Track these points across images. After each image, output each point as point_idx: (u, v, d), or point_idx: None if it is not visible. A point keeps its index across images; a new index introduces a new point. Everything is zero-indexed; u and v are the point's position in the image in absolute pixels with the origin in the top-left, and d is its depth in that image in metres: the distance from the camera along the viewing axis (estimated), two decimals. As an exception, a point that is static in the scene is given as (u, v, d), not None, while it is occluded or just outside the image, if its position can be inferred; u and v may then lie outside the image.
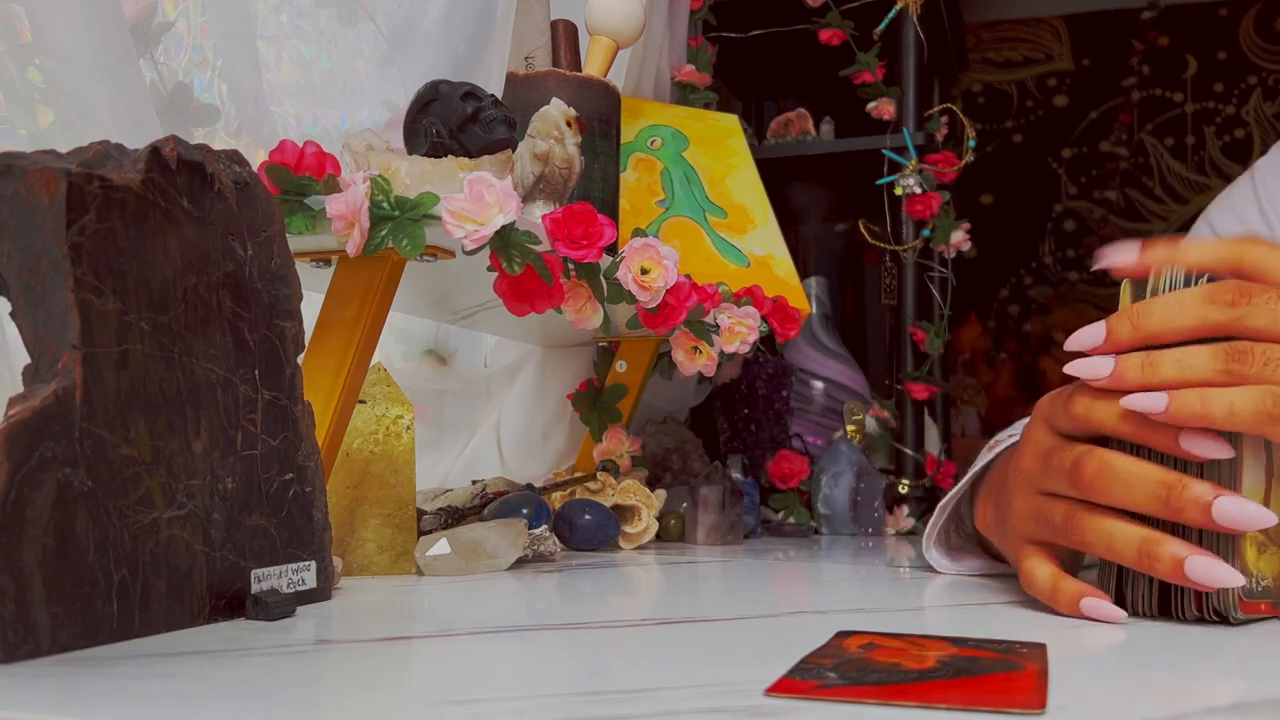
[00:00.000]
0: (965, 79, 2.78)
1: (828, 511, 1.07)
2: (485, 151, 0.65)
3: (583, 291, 0.71)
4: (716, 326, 0.88)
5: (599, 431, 0.98)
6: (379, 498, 0.64)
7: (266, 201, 0.50)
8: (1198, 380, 0.45)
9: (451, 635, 0.45)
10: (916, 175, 1.24)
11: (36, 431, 0.37)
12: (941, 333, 1.27)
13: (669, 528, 0.91)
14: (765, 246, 1.08)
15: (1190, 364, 0.45)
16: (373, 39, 1.01)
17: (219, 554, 0.45)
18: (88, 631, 0.38)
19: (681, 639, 0.44)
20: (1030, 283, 2.82)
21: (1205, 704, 0.33)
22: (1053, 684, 0.35)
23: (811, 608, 0.55)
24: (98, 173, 0.40)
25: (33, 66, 0.67)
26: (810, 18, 1.30)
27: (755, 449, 1.17)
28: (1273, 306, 0.45)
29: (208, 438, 0.45)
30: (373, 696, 0.33)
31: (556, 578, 0.65)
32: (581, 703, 0.32)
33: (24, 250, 0.39)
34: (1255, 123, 2.67)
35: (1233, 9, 2.69)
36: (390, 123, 0.99)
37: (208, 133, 0.81)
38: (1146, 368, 0.46)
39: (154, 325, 0.42)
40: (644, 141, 1.11)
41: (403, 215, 0.59)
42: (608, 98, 0.87)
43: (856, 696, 0.32)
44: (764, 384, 1.18)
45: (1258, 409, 0.44)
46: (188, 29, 0.83)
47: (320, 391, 0.60)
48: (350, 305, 0.62)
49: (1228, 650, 0.42)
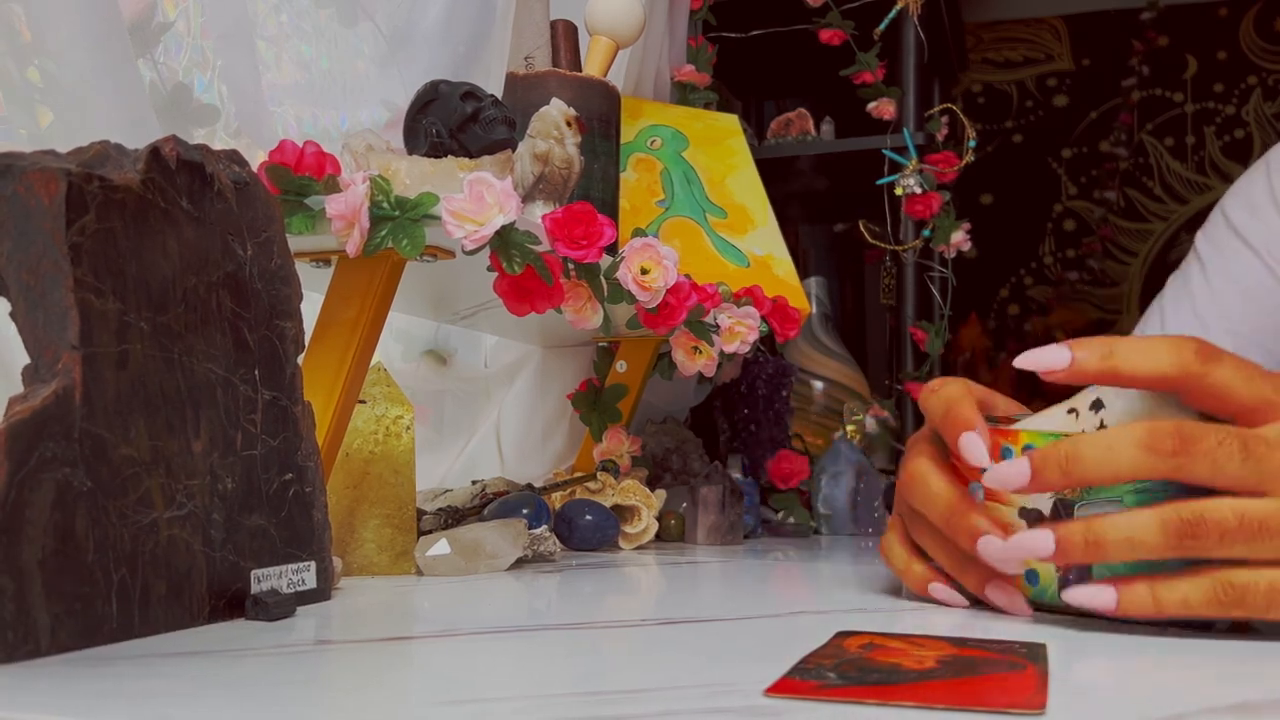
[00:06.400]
0: (965, 79, 2.78)
1: (828, 511, 1.07)
2: (485, 151, 0.65)
3: (583, 291, 0.71)
4: (716, 326, 0.88)
5: (599, 431, 0.98)
6: (379, 498, 0.64)
7: (266, 201, 0.50)
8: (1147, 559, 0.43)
9: (451, 635, 0.45)
10: (916, 175, 1.24)
11: (36, 432, 0.37)
12: (941, 333, 1.27)
13: (669, 528, 0.91)
14: (765, 246, 1.08)
15: (1141, 542, 0.42)
16: (373, 39, 1.01)
17: (219, 554, 0.45)
18: (87, 631, 0.38)
19: (681, 639, 0.44)
20: (1030, 283, 2.82)
21: (1205, 704, 0.33)
22: (1053, 684, 0.35)
23: (811, 608, 0.55)
24: (97, 173, 0.40)
25: (32, 66, 0.67)
26: (810, 18, 1.30)
27: (755, 449, 1.17)
28: (1213, 456, 0.42)
29: (207, 438, 0.45)
30: (373, 696, 0.33)
31: (556, 578, 0.65)
32: (581, 703, 0.32)
33: (24, 250, 0.39)
34: (1255, 123, 2.67)
35: (1233, 9, 2.69)
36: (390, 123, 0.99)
37: (207, 133, 0.81)
38: (1091, 545, 0.43)
39: (154, 325, 0.42)
40: (644, 141, 1.11)
41: (403, 215, 0.58)
42: (608, 98, 0.87)
43: (856, 697, 0.32)
44: (764, 384, 1.18)
45: (1210, 600, 0.42)
46: (187, 29, 0.83)
47: (320, 391, 0.60)
48: (350, 305, 0.62)
49: (1228, 650, 0.42)
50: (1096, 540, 0.43)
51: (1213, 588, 0.42)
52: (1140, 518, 0.42)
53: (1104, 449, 0.43)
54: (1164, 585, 0.42)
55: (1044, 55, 2.83)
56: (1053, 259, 2.81)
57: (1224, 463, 0.42)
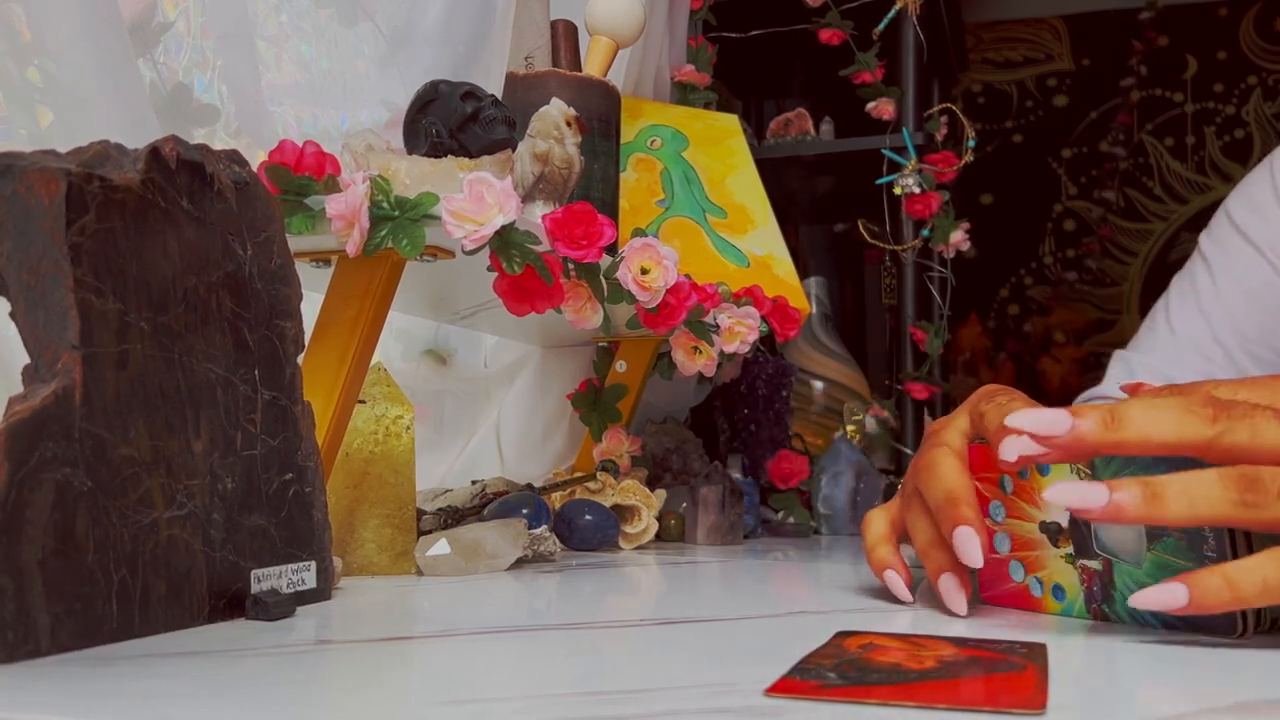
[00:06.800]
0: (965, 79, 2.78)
1: (828, 511, 1.07)
2: (485, 151, 0.65)
3: (583, 291, 0.71)
4: (716, 326, 0.88)
5: (599, 431, 0.98)
6: (379, 498, 0.64)
7: (266, 201, 0.50)
8: (1210, 518, 0.40)
9: (451, 635, 0.45)
10: (916, 175, 1.24)
11: (36, 432, 0.37)
12: (941, 333, 1.27)
13: (669, 528, 0.91)
14: (765, 246, 1.08)
15: (1202, 497, 0.40)
16: (373, 39, 1.01)
17: (219, 554, 0.45)
18: (87, 631, 0.38)
19: (681, 639, 0.44)
20: (1030, 283, 2.82)
21: (1205, 704, 0.33)
22: (1053, 684, 0.35)
23: (811, 608, 0.55)
24: (97, 173, 0.40)
25: (32, 66, 0.67)
26: (810, 18, 1.30)
27: (755, 449, 1.17)
28: (1253, 420, 0.41)
29: (207, 438, 0.45)
30: (373, 696, 0.33)
31: (556, 578, 0.65)
32: (581, 703, 0.32)
33: (24, 250, 0.39)
34: (1255, 123, 2.67)
35: (1233, 9, 2.69)
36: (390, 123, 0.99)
37: (208, 133, 0.81)
38: (1150, 500, 0.40)
39: (154, 325, 0.42)
40: (644, 141, 1.11)
41: (403, 215, 0.58)
42: (608, 98, 0.87)
43: (856, 697, 0.32)
44: (764, 384, 1.18)
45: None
46: (187, 29, 0.83)
47: (320, 391, 0.60)
48: (350, 305, 0.62)
49: (1227, 650, 0.42)
50: (1156, 493, 0.40)
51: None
52: (1196, 474, 0.40)
53: (1149, 408, 0.42)
54: (1236, 569, 0.39)
55: (1044, 55, 2.83)
56: (1053, 259, 2.81)
57: (1264, 429, 0.40)
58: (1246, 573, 0.39)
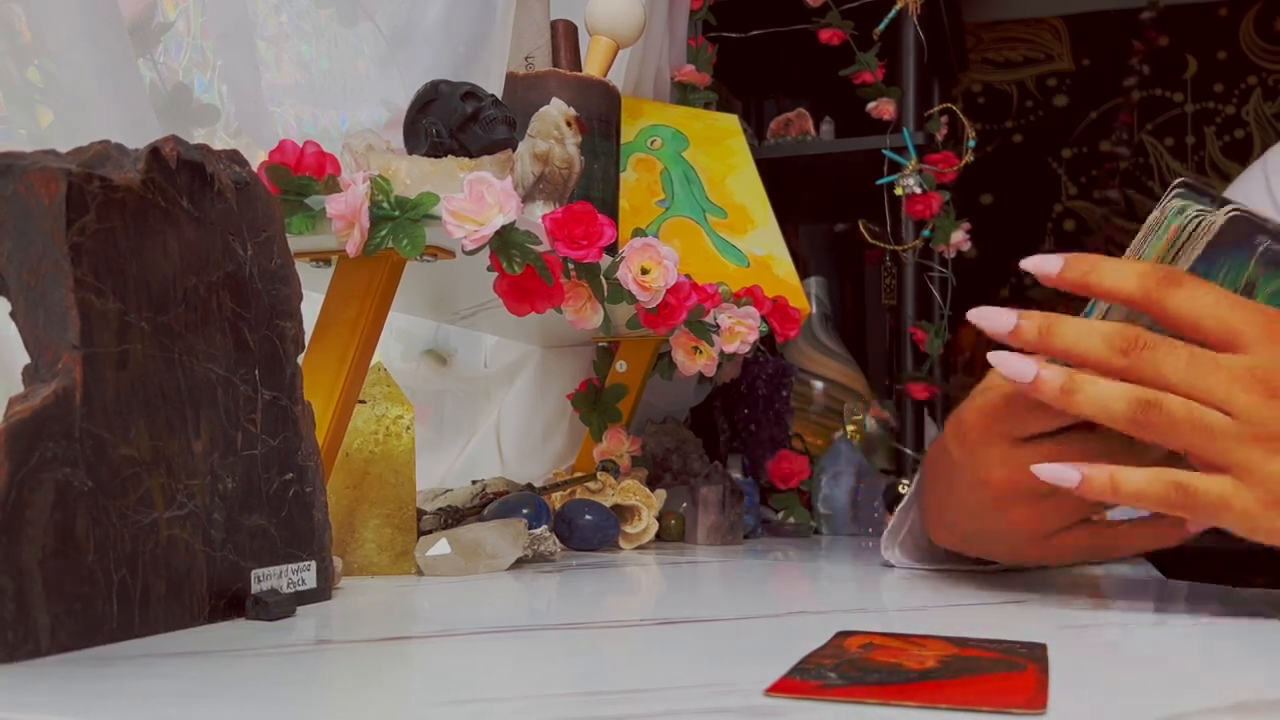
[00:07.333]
0: (965, 79, 2.78)
1: (828, 511, 1.07)
2: (485, 151, 0.65)
3: (583, 291, 0.71)
4: (716, 326, 0.88)
5: (599, 431, 0.98)
6: (379, 498, 0.64)
7: (266, 201, 0.50)
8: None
9: (451, 635, 0.45)
10: (916, 175, 1.24)
11: (36, 431, 0.37)
12: (941, 333, 1.27)
13: (669, 528, 0.91)
14: (765, 246, 1.08)
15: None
16: (373, 39, 1.01)
17: (219, 554, 0.45)
18: (87, 631, 0.38)
19: (681, 639, 0.44)
20: (1030, 283, 2.81)
21: (1205, 704, 0.33)
22: (1053, 684, 0.35)
23: (811, 608, 0.55)
24: (98, 173, 0.40)
25: (32, 66, 0.67)
26: (810, 18, 1.30)
27: (755, 449, 1.17)
28: (1156, 360, 0.47)
29: (208, 438, 0.45)
30: (373, 696, 0.33)
31: (556, 578, 0.65)
32: (581, 703, 0.32)
33: (24, 250, 0.39)
34: (1255, 123, 2.67)
35: (1233, 9, 2.69)
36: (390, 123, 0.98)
37: (208, 133, 0.81)
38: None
39: (154, 325, 0.42)
40: (644, 141, 1.11)
41: (403, 215, 0.58)
42: (608, 98, 0.87)
43: (857, 696, 0.32)
44: (764, 384, 1.18)
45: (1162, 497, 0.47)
46: (187, 29, 0.83)
47: (320, 391, 0.60)
48: (350, 305, 0.62)
49: (1228, 650, 0.42)
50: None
51: (1166, 486, 0.46)
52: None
53: (1080, 327, 0.48)
54: (1123, 474, 0.47)
55: (1044, 55, 2.83)
56: (1053, 259, 2.80)
57: (1166, 368, 0.46)
58: (1129, 479, 0.47)
